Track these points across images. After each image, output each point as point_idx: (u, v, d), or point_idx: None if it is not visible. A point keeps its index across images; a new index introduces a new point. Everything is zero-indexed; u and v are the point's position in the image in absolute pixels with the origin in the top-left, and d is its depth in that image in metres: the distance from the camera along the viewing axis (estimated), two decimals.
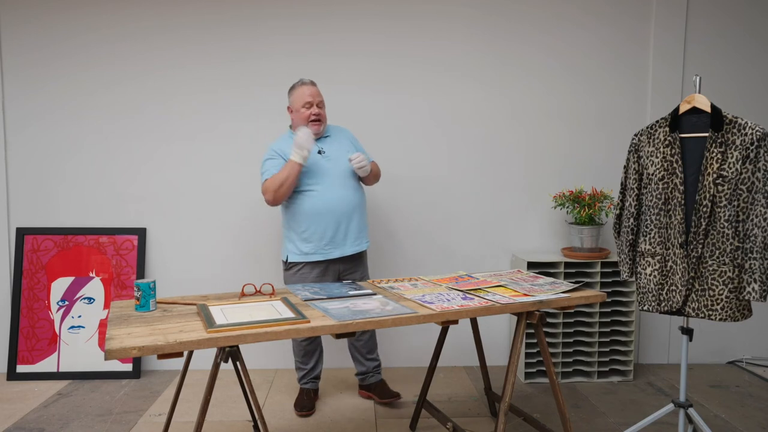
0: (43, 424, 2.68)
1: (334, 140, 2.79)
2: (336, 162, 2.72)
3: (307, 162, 2.60)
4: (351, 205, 2.71)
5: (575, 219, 3.25)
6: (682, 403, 2.30)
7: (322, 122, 2.72)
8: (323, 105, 2.75)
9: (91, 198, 3.39)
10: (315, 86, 2.74)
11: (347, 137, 2.86)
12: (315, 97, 2.69)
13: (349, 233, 2.72)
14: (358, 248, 2.77)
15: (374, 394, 2.97)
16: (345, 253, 2.72)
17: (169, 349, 1.57)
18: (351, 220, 2.72)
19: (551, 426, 2.68)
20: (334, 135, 2.82)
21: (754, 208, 2.04)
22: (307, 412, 2.81)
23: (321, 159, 2.71)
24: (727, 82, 3.55)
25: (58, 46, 3.32)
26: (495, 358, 3.56)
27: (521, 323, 2.14)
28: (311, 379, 2.93)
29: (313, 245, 2.70)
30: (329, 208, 2.66)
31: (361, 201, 2.79)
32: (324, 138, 2.78)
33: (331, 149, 2.75)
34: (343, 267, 2.78)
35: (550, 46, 3.47)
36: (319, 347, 2.95)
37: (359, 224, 2.76)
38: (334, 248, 2.70)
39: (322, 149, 2.73)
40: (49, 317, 3.31)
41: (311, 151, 2.59)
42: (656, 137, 2.22)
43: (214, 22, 3.34)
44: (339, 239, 2.70)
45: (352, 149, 2.79)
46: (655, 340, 3.60)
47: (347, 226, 2.71)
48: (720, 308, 2.10)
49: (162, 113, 3.37)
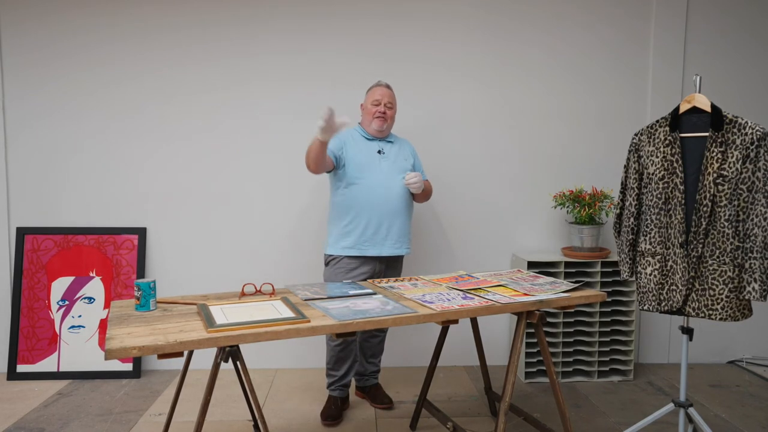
0: (43, 424, 2.68)
1: (396, 146, 2.83)
2: (391, 163, 2.75)
3: (329, 139, 2.44)
4: (396, 205, 2.70)
5: (575, 218, 3.25)
6: (682, 402, 2.30)
7: (386, 120, 2.76)
8: (392, 107, 2.79)
9: (91, 198, 3.39)
10: (389, 89, 2.80)
11: (409, 149, 2.89)
12: (384, 97, 2.75)
13: (391, 234, 2.70)
14: (397, 251, 2.74)
15: (369, 397, 2.97)
16: (382, 253, 2.70)
17: (169, 349, 1.56)
18: (395, 221, 2.70)
19: (551, 425, 2.68)
20: (398, 143, 2.86)
21: (754, 207, 2.04)
22: (332, 422, 2.70)
23: (378, 157, 2.74)
24: (727, 82, 3.55)
25: (58, 46, 3.32)
26: (495, 358, 3.56)
27: (521, 323, 2.14)
28: (340, 387, 2.84)
29: (352, 239, 2.68)
30: (374, 202, 2.67)
31: (408, 205, 2.78)
32: (387, 142, 2.82)
33: (391, 152, 2.79)
34: (379, 267, 2.75)
35: (550, 46, 3.47)
36: (353, 354, 2.83)
37: (402, 227, 2.74)
38: (371, 246, 2.68)
39: (382, 150, 2.77)
40: (50, 317, 3.31)
41: (327, 122, 2.33)
42: (656, 137, 2.22)
43: (214, 22, 3.35)
44: (380, 238, 2.69)
45: (410, 160, 2.83)
46: (656, 339, 3.60)
47: (389, 226, 2.69)
48: (720, 308, 2.10)
49: (162, 113, 3.37)
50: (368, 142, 2.78)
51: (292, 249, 3.45)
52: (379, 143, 2.79)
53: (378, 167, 2.71)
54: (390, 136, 2.86)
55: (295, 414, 2.83)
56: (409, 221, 2.81)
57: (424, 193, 2.83)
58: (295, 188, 3.43)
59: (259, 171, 3.42)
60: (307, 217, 3.44)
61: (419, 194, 2.80)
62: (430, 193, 2.92)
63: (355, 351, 2.85)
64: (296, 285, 2.37)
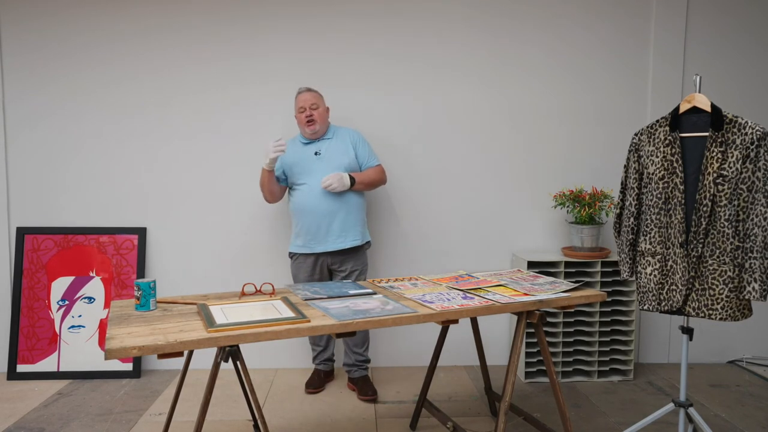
0: (43, 424, 2.68)
1: (334, 142, 2.96)
2: (328, 163, 2.90)
3: (274, 167, 2.88)
4: (333, 205, 2.86)
5: (575, 218, 3.25)
6: (682, 402, 2.30)
7: (315, 122, 2.89)
8: (317, 107, 2.91)
9: (91, 198, 3.39)
10: (309, 92, 2.94)
11: (351, 139, 2.99)
12: (306, 101, 2.90)
13: (331, 231, 2.89)
14: (342, 245, 2.91)
15: (357, 387, 3.06)
16: (327, 248, 2.91)
17: (170, 349, 1.56)
18: (333, 219, 2.88)
19: (551, 425, 2.68)
20: (337, 137, 2.98)
21: (754, 207, 2.04)
22: (314, 389, 3.04)
23: (315, 159, 2.92)
24: (727, 81, 3.55)
25: (58, 47, 3.32)
26: (495, 358, 3.56)
27: (521, 323, 2.14)
28: (323, 361, 3.15)
29: (301, 239, 2.95)
30: (311, 205, 2.87)
31: (347, 201, 2.89)
32: (325, 139, 2.96)
33: (328, 150, 2.94)
34: (331, 260, 2.96)
35: (550, 45, 3.47)
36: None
37: (343, 223, 2.90)
38: (317, 243, 2.91)
39: (318, 151, 2.93)
40: (50, 317, 3.31)
41: (273, 158, 2.77)
42: (656, 137, 2.22)
43: (214, 23, 3.34)
44: (321, 235, 2.90)
45: (350, 153, 2.95)
46: (656, 339, 3.60)
47: (329, 224, 2.88)
48: (720, 308, 2.10)
49: (162, 113, 3.37)
50: (305, 146, 2.96)
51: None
52: (317, 144, 2.95)
53: (314, 169, 2.89)
54: (328, 132, 2.99)
55: (295, 414, 2.83)
56: (353, 214, 2.92)
57: (363, 184, 2.93)
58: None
59: (259, 171, 3.41)
60: None
61: (360, 185, 2.90)
62: (376, 182, 3.01)
63: None
64: (296, 285, 2.37)
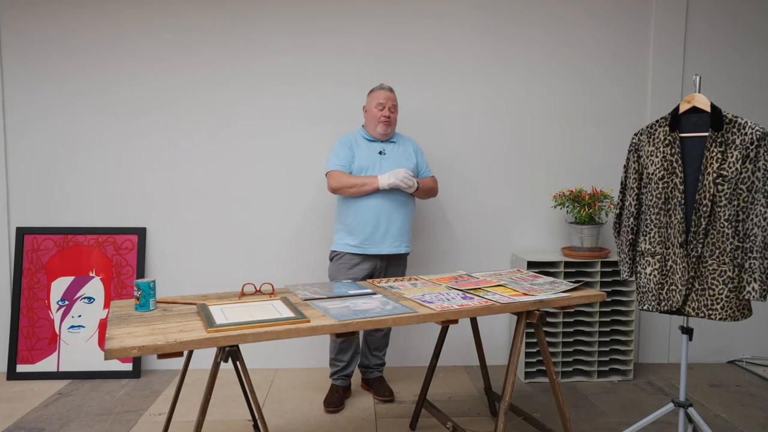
0: (43, 424, 2.68)
1: (398, 146, 2.94)
2: (392, 164, 2.85)
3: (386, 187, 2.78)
4: (394, 205, 2.81)
5: (575, 218, 3.25)
6: (682, 402, 2.30)
7: (390, 124, 2.86)
8: (395, 110, 2.89)
9: (91, 198, 3.39)
10: (392, 92, 2.89)
11: (413, 147, 2.99)
12: (388, 100, 2.84)
13: (389, 233, 2.82)
14: (396, 250, 2.85)
15: (372, 389, 3.06)
16: (381, 251, 2.82)
17: (169, 349, 1.56)
18: (392, 221, 2.82)
19: (551, 425, 2.68)
20: (400, 142, 2.96)
21: (754, 207, 2.04)
22: (334, 408, 2.86)
23: (380, 158, 2.86)
24: (727, 82, 3.55)
25: (57, 47, 3.32)
26: (495, 358, 3.56)
27: (521, 323, 2.14)
28: (342, 376, 2.98)
29: (354, 238, 2.83)
30: (374, 202, 2.79)
31: (406, 205, 2.87)
32: (390, 142, 2.93)
33: (392, 153, 2.90)
34: (380, 264, 2.87)
35: (550, 46, 3.47)
36: (355, 345, 2.98)
37: (401, 227, 2.85)
38: (371, 244, 2.81)
39: (383, 150, 2.88)
40: (49, 317, 3.31)
41: (392, 184, 2.74)
42: (656, 137, 2.22)
43: (215, 23, 3.34)
44: (378, 236, 2.81)
45: (413, 159, 2.93)
46: (655, 339, 3.60)
47: (388, 225, 2.81)
48: (720, 308, 2.10)
49: (161, 114, 3.37)
50: (370, 143, 2.90)
51: (292, 249, 3.45)
52: (381, 144, 2.90)
53: (379, 168, 2.83)
54: (394, 136, 2.96)
55: (295, 414, 2.83)
56: (409, 220, 2.90)
57: (423, 191, 2.91)
58: (294, 188, 3.43)
59: (259, 171, 3.42)
60: (307, 218, 3.45)
61: (420, 192, 2.88)
62: (433, 190, 3.00)
63: (357, 342, 2.99)
64: (296, 285, 2.37)
